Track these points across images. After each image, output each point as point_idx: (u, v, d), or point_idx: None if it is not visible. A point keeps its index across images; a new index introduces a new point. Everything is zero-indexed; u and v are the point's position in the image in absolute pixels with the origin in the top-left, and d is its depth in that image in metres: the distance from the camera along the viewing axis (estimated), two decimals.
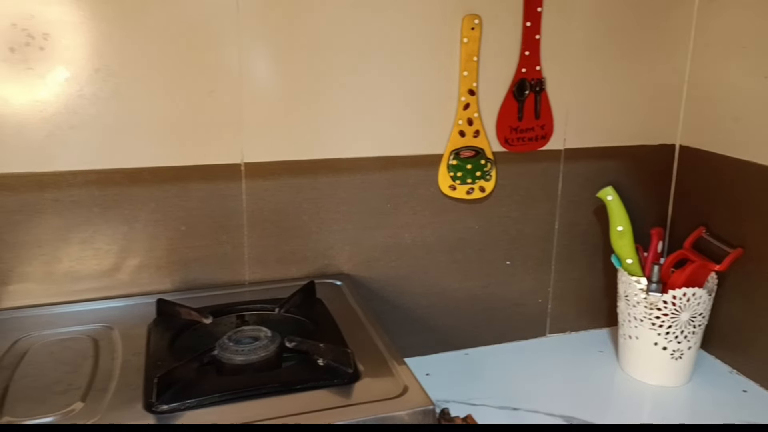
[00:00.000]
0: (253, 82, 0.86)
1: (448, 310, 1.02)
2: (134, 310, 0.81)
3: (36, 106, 0.78)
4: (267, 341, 0.71)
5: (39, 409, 0.60)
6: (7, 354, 0.70)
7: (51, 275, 0.82)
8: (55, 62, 0.78)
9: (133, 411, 0.61)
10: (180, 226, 0.87)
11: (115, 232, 0.84)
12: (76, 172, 0.81)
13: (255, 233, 0.90)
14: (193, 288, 0.88)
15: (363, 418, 0.60)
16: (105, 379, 0.66)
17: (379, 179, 0.94)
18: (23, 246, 0.80)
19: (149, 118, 0.83)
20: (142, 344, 0.73)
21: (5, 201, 0.79)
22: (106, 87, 0.80)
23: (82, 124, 0.80)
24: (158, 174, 0.84)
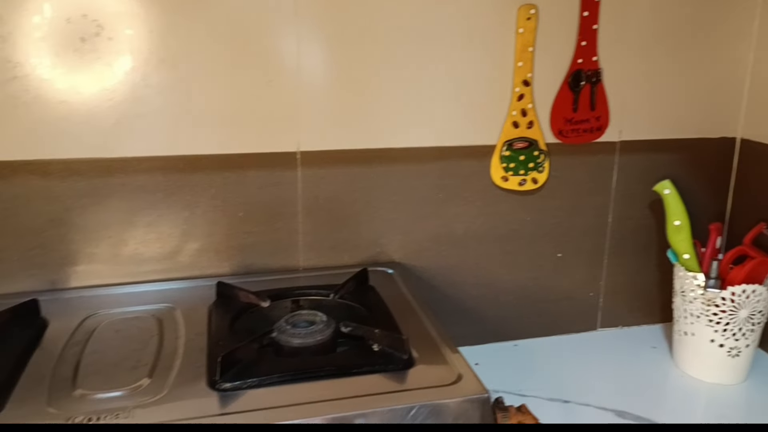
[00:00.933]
0: (310, 72, 0.87)
1: (498, 301, 1.02)
2: (194, 291, 0.84)
3: (104, 94, 0.81)
4: (323, 326, 0.73)
5: (109, 383, 0.63)
6: (77, 331, 0.74)
7: (117, 257, 0.86)
8: (123, 52, 0.81)
9: (197, 388, 0.63)
10: (238, 212, 0.89)
11: (177, 216, 0.87)
12: (142, 159, 0.84)
13: (309, 220, 0.92)
14: (249, 272, 0.90)
15: (417, 403, 0.61)
16: (170, 357, 0.69)
17: (431, 169, 0.95)
18: (92, 228, 0.84)
19: (210, 107, 0.85)
20: (204, 325, 0.76)
21: (75, 185, 0.82)
22: (170, 76, 0.83)
23: (147, 112, 0.83)
24: (218, 161, 0.87)
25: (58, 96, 0.79)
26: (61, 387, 0.63)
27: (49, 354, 0.69)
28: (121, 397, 0.61)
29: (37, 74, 0.78)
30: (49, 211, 0.82)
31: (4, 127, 0.79)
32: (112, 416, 0.58)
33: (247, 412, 0.59)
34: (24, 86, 0.78)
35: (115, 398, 0.61)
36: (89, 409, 0.59)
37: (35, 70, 0.78)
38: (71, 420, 0.57)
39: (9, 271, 0.82)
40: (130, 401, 0.61)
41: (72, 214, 0.83)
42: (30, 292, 0.81)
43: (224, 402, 0.61)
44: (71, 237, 0.83)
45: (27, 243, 0.82)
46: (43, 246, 0.83)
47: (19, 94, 0.78)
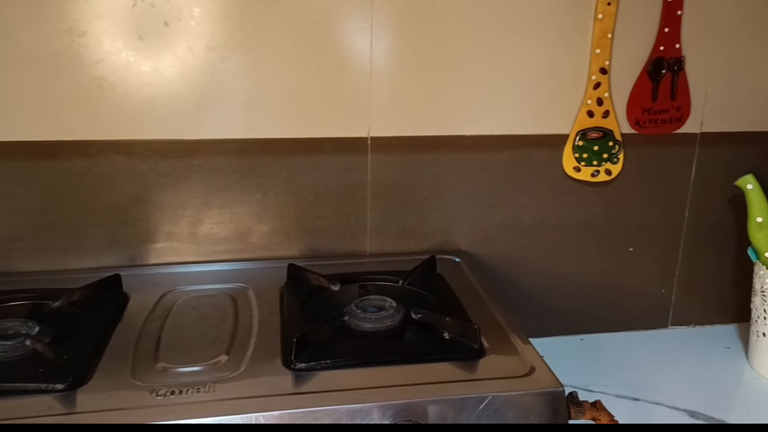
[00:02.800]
0: (383, 58, 0.87)
1: (565, 293, 1.00)
2: (265, 272, 0.86)
3: (185, 77, 0.83)
4: (393, 311, 0.73)
5: (189, 358, 0.66)
6: (156, 306, 0.77)
7: (193, 236, 0.88)
8: (203, 36, 0.82)
9: (272, 366, 0.65)
10: (308, 196, 0.90)
11: (250, 198, 0.89)
12: (218, 141, 0.86)
13: (378, 206, 0.92)
14: (317, 256, 0.92)
15: (490, 394, 0.61)
16: (245, 335, 0.71)
17: (501, 158, 0.94)
18: (170, 207, 0.87)
19: (283, 91, 0.86)
20: (276, 305, 0.78)
21: (156, 165, 0.85)
22: (246, 60, 0.84)
23: (224, 96, 0.85)
24: (290, 145, 0.88)
25: (141, 79, 0.82)
26: (144, 360, 0.65)
27: (132, 328, 0.72)
28: (201, 372, 0.64)
29: (122, 57, 0.81)
30: (131, 190, 0.85)
31: (91, 107, 0.82)
32: (194, 390, 0.60)
33: (320, 393, 0.61)
34: (110, 69, 0.81)
35: (195, 373, 0.64)
36: (171, 382, 0.61)
37: (121, 53, 0.81)
38: (155, 393, 0.59)
39: (93, 246, 0.86)
40: (209, 376, 0.63)
41: (152, 193, 0.86)
42: (112, 267, 0.85)
43: (298, 381, 0.63)
44: (151, 215, 0.87)
45: (110, 220, 0.85)
46: (125, 223, 0.86)
47: (106, 76, 0.81)
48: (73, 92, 0.81)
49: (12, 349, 0.64)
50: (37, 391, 0.59)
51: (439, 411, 0.59)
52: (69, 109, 0.81)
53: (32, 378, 0.60)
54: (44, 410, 0.57)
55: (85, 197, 0.84)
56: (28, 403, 0.58)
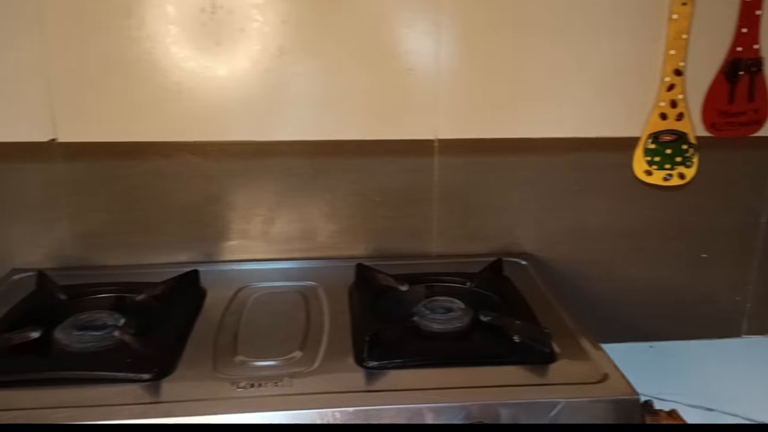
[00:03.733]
0: (450, 60, 0.87)
1: (633, 299, 0.98)
2: (334, 271, 0.88)
3: (259, 81, 0.86)
4: (461, 313, 0.74)
5: (265, 352, 0.68)
6: (232, 302, 0.80)
7: (265, 234, 0.91)
8: (276, 42, 0.85)
9: (345, 363, 0.66)
10: (375, 197, 0.92)
11: (319, 199, 0.91)
12: (289, 143, 0.89)
13: (444, 208, 0.93)
14: (383, 256, 0.93)
15: (562, 399, 0.60)
16: (317, 332, 0.73)
17: (569, 160, 0.93)
18: (242, 207, 0.90)
19: (353, 94, 0.88)
20: (345, 303, 0.80)
21: (230, 166, 0.88)
22: (317, 64, 0.86)
23: (296, 99, 0.87)
24: (359, 147, 0.90)
25: (217, 83, 0.85)
26: (223, 353, 0.68)
27: (210, 321, 0.75)
28: (277, 366, 0.66)
29: (200, 62, 0.84)
30: (207, 189, 0.89)
31: (170, 110, 0.85)
32: (272, 384, 0.62)
33: (392, 391, 0.62)
34: (189, 73, 0.84)
35: (271, 367, 0.66)
36: (250, 375, 0.64)
37: (199, 58, 0.84)
38: (236, 385, 0.62)
39: (171, 242, 0.89)
40: (285, 371, 0.65)
41: (226, 192, 0.89)
42: (187, 263, 0.89)
43: (370, 379, 0.64)
44: (225, 214, 0.90)
45: (187, 217, 0.89)
46: (200, 221, 0.89)
47: (184, 81, 0.85)
48: (155, 96, 0.84)
49: (100, 340, 0.68)
50: (125, 380, 0.62)
51: (512, 415, 0.59)
52: (150, 111, 0.85)
53: (120, 367, 0.63)
54: (133, 399, 0.60)
55: (164, 196, 0.88)
56: (117, 391, 0.61)
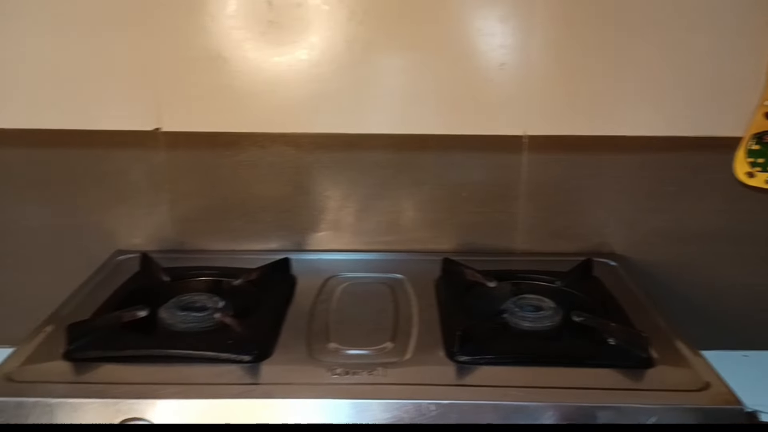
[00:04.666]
0: (543, 56, 0.86)
1: (728, 305, 0.94)
2: (419, 264, 0.89)
3: (349, 75, 0.87)
4: (551, 312, 0.73)
5: (356, 341, 0.70)
6: (322, 290, 0.82)
7: (352, 225, 0.93)
8: (367, 36, 0.85)
9: (436, 356, 0.67)
10: (461, 192, 0.92)
11: (405, 192, 0.92)
12: (379, 135, 0.90)
13: (530, 205, 0.92)
14: (468, 251, 0.93)
15: (661, 405, 0.59)
16: (406, 324, 0.74)
17: (663, 159, 0.90)
18: (332, 198, 0.92)
19: (443, 88, 0.88)
20: (432, 297, 0.80)
21: (321, 157, 0.90)
22: (407, 57, 0.87)
23: (385, 92, 0.88)
24: (446, 141, 0.90)
25: (311, 76, 0.87)
26: (317, 340, 0.70)
27: (302, 308, 0.77)
28: (369, 355, 0.67)
29: (294, 55, 0.86)
30: (298, 180, 0.91)
31: (266, 102, 0.88)
32: (366, 372, 0.63)
33: (486, 387, 0.62)
34: (287, 66, 0.87)
35: (363, 356, 0.67)
36: (345, 363, 0.65)
37: (296, 51, 0.86)
38: (332, 371, 0.64)
39: (263, 230, 0.93)
40: (378, 360, 0.66)
41: (316, 183, 0.91)
42: (278, 251, 0.91)
43: (461, 373, 0.65)
44: (315, 204, 0.92)
45: (279, 206, 0.92)
46: (291, 210, 0.92)
47: (279, 74, 0.87)
48: (252, 88, 0.87)
49: (202, 321, 0.72)
50: (227, 361, 0.65)
51: (609, 419, 0.59)
52: (247, 103, 0.88)
53: (223, 348, 0.66)
54: (235, 379, 0.63)
55: (259, 185, 0.91)
56: (219, 371, 0.64)
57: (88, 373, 0.64)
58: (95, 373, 0.64)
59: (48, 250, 0.91)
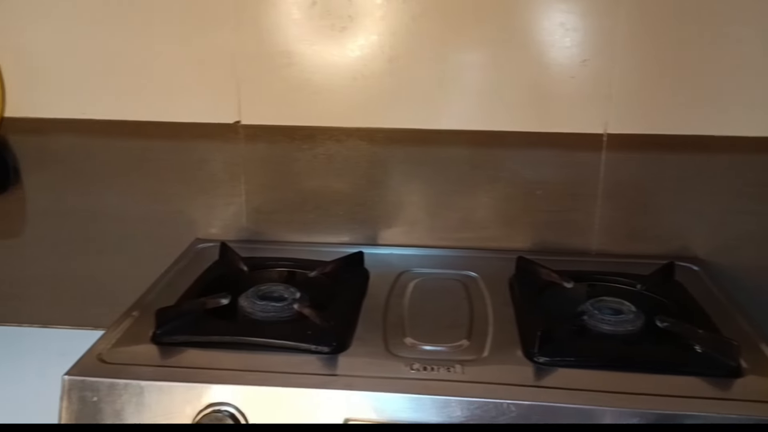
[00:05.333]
0: (627, 52, 0.84)
1: None
2: (493, 262, 0.88)
3: (426, 70, 0.87)
4: (632, 316, 0.71)
5: (432, 337, 0.69)
6: (395, 285, 0.82)
7: (424, 221, 0.93)
8: (446, 32, 0.85)
9: (513, 356, 0.66)
10: (536, 190, 0.90)
11: (479, 189, 0.91)
12: (454, 132, 0.89)
13: (608, 205, 0.90)
14: (541, 250, 0.91)
15: (755, 417, 0.57)
16: (482, 322, 0.73)
17: (754, 161, 0.86)
18: (405, 192, 0.92)
19: (522, 85, 0.87)
20: (507, 295, 0.79)
21: (395, 152, 0.91)
22: (487, 54, 0.86)
23: (462, 88, 0.88)
24: (522, 138, 0.89)
25: (387, 71, 0.87)
26: (393, 334, 0.70)
27: (376, 302, 0.78)
28: (445, 352, 0.67)
29: (374, 50, 0.87)
30: (372, 174, 0.92)
31: (343, 97, 0.89)
32: (444, 369, 0.63)
33: (566, 389, 0.61)
34: (363, 62, 0.87)
35: (440, 352, 0.67)
36: (422, 358, 0.65)
37: (374, 46, 0.87)
38: (410, 366, 0.64)
39: (336, 223, 0.94)
40: (455, 357, 0.66)
41: (390, 178, 0.92)
42: (350, 244, 0.93)
43: (540, 374, 0.64)
44: (388, 199, 0.92)
45: (352, 200, 0.93)
46: (364, 204, 0.93)
47: (360, 68, 0.88)
48: (330, 83, 0.88)
49: (281, 311, 0.73)
50: (306, 351, 0.66)
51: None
52: (325, 98, 0.89)
53: (302, 339, 0.67)
54: (315, 369, 0.64)
55: (333, 178, 0.92)
56: (298, 361, 0.65)
57: (174, 357, 0.66)
58: (181, 357, 0.66)
59: (131, 236, 0.95)
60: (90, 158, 0.92)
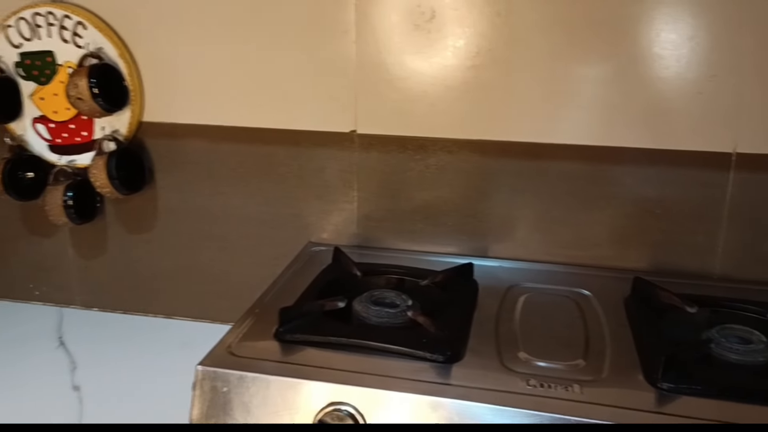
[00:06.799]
0: (759, 68, 0.80)
1: None
2: (606, 281, 0.86)
3: (543, 83, 0.87)
4: (763, 346, 0.68)
5: (547, 354, 0.69)
6: (505, 298, 0.82)
7: (534, 235, 0.92)
8: (560, 43, 0.85)
9: (633, 380, 0.65)
10: (655, 209, 0.87)
11: (593, 205, 0.89)
12: (569, 146, 0.88)
13: (734, 227, 0.85)
14: (658, 271, 0.88)
15: None
16: (598, 342, 0.72)
17: None
18: (516, 206, 0.92)
19: (641, 100, 0.84)
20: (623, 317, 0.77)
21: (508, 165, 0.90)
22: (604, 67, 0.85)
23: (579, 102, 0.86)
24: (642, 155, 0.86)
25: (500, 84, 0.87)
26: (507, 348, 0.70)
27: (487, 314, 0.78)
28: (561, 370, 0.67)
29: (488, 63, 0.87)
30: (483, 186, 0.92)
31: (456, 108, 0.90)
32: (562, 387, 0.63)
33: (689, 418, 0.59)
34: (477, 73, 0.88)
35: (555, 369, 0.67)
36: (537, 374, 0.65)
37: (487, 59, 0.88)
38: (527, 382, 0.64)
39: (444, 234, 0.95)
40: (572, 376, 0.65)
41: (500, 191, 0.92)
42: (457, 254, 0.93)
43: (663, 401, 0.62)
44: (498, 211, 0.92)
45: (462, 211, 0.93)
46: (474, 216, 0.93)
47: (474, 81, 0.88)
48: (446, 94, 0.90)
49: (395, 317, 0.75)
50: (422, 359, 0.68)
51: None
52: (440, 108, 0.90)
53: (417, 346, 0.69)
54: (430, 377, 0.65)
55: (443, 189, 0.93)
56: (413, 367, 0.67)
57: (296, 354, 0.70)
58: (302, 355, 0.69)
59: (250, 236, 1.00)
60: (217, 162, 0.98)
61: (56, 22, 0.95)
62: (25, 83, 0.99)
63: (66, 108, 0.97)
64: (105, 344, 0.99)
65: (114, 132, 0.97)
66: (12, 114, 0.99)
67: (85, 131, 0.99)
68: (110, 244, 1.05)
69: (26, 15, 0.96)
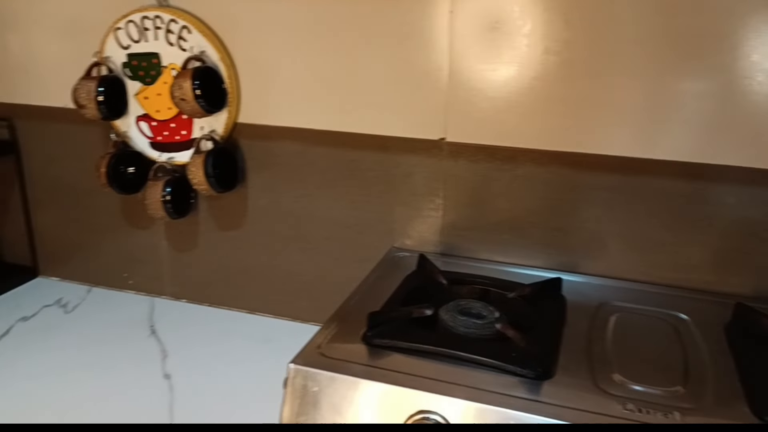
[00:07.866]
0: None
1: None
2: (704, 305, 0.82)
3: (645, 97, 0.84)
4: None
5: (644, 378, 0.66)
6: (596, 315, 0.80)
7: (626, 252, 0.89)
8: (657, 56, 0.82)
9: (737, 411, 0.62)
10: (761, 232, 0.83)
11: (692, 226, 0.86)
12: (668, 162, 0.85)
13: None
14: (761, 297, 0.83)
15: None
16: (698, 369, 0.69)
17: None
18: (608, 222, 0.89)
19: (749, 117, 0.80)
20: (723, 344, 0.74)
21: (601, 179, 0.88)
22: (710, 83, 0.81)
23: (682, 117, 0.83)
24: (746, 174, 0.82)
25: (597, 97, 0.85)
26: (599, 368, 0.68)
27: (577, 332, 0.76)
28: (660, 395, 0.64)
29: (581, 76, 0.85)
30: (573, 199, 0.90)
31: (545, 120, 0.88)
32: (661, 414, 0.60)
33: None
34: (570, 85, 0.86)
35: (653, 395, 0.64)
36: (633, 398, 0.63)
37: (582, 70, 0.85)
38: (624, 405, 0.62)
39: (530, 246, 0.93)
40: (671, 403, 0.62)
41: (592, 205, 0.89)
42: (542, 268, 0.92)
43: None
44: (587, 226, 0.90)
45: (549, 224, 0.92)
46: (562, 230, 0.91)
47: (566, 92, 0.86)
48: (537, 105, 0.88)
49: (482, 328, 0.74)
50: (511, 373, 0.67)
51: None
52: (530, 119, 0.88)
53: (507, 360, 0.68)
54: (521, 393, 0.64)
55: (531, 201, 0.92)
56: (502, 381, 0.66)
57: (384, 359, 0.70)
58: (389, 360, 0.70)
59: (334, 238, 1.02)
60: (307, 164, 1.00)
61: (163, 26, 1.00)
62: (132, 83, 1.04)
63: (168, 107, 1.02)
64: (193, 335, 1.02)
65: (211, 132, 1.01)
66: (118, 111, 1.05)
67: (185, 130, 1.03)
68: (201, 240, 1.10)
69: (135, 18, 1.01)
